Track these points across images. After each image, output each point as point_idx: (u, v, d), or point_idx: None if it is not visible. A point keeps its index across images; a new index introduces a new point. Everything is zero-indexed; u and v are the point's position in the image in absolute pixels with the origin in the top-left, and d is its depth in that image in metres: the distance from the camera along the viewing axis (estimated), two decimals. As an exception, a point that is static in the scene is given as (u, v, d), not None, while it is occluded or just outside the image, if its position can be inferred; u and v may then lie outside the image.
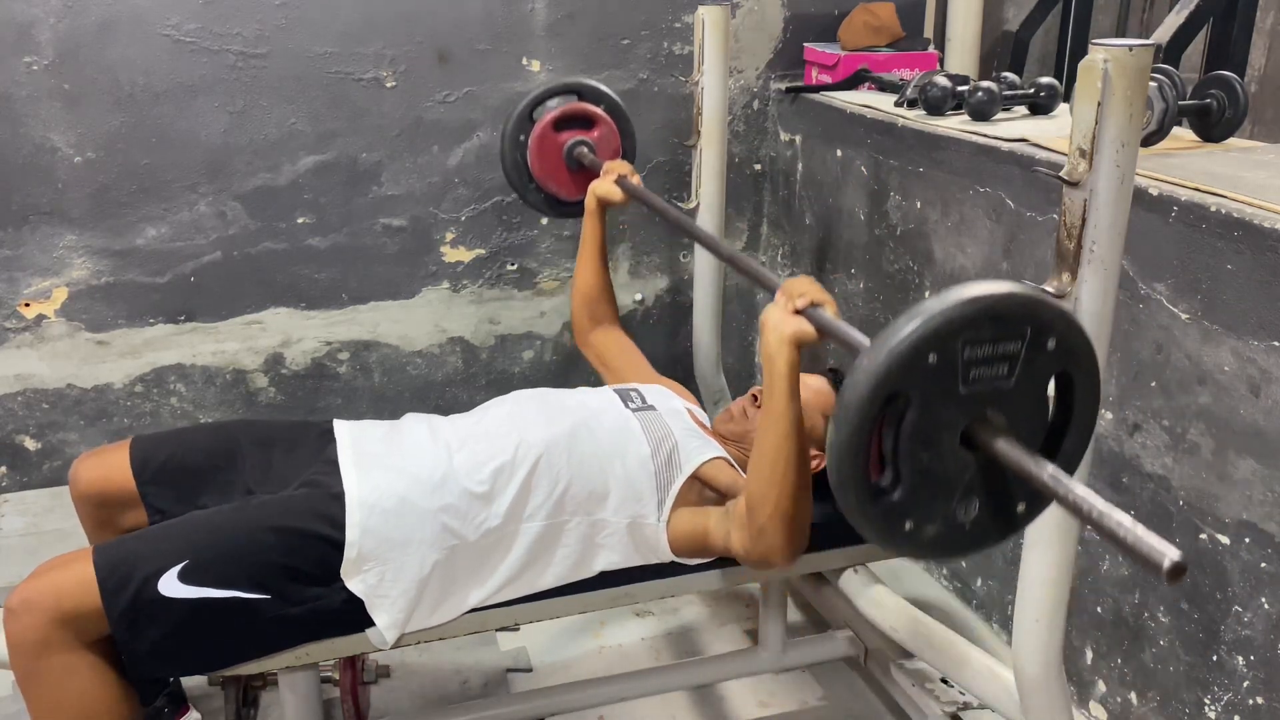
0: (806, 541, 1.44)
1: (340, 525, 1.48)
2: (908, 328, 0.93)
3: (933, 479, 0.99)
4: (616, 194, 2.01)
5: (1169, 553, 0.82)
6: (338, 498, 1.51)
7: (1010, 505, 1.03)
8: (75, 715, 1.39)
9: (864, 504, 0.98)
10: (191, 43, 2.56)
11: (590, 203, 2.05)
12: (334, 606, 1.48)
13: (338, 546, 1.48)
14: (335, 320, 2.87)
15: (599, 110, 2.20)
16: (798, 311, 1.34)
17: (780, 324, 1.35)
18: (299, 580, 1.46)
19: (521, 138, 2.17)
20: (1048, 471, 0.93)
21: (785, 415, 1.38)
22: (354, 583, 1.48)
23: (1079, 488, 0.90)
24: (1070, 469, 1.05)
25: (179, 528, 1.49)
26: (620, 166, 2.05)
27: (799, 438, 1.39)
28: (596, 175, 2.09)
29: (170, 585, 1.39)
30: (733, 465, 1.67)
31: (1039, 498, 1.04)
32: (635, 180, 2.01)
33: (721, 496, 1.62)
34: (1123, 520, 0.86)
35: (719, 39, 2.32)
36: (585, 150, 2.17)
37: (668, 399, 1.83)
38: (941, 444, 0.98)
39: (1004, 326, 0.96)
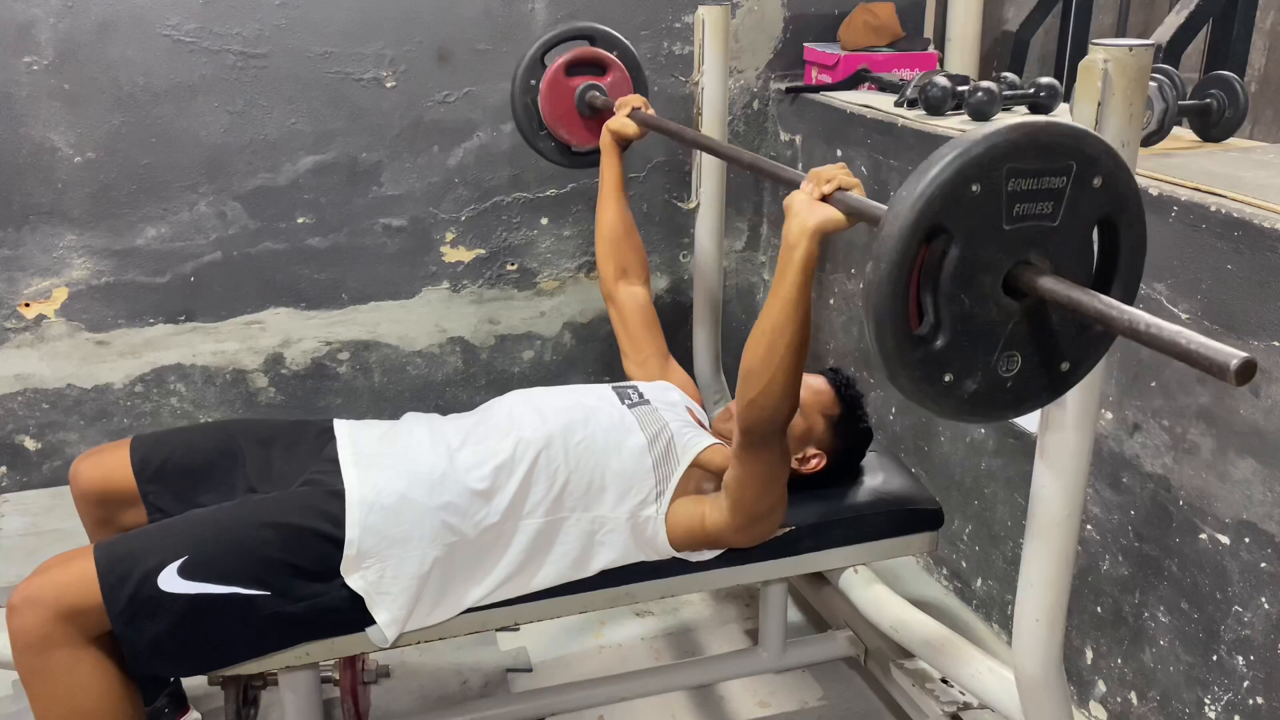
0: (787, 421, 1.44)
1: (340, 523, 1.49)
2: (950, 154, 0.88)
3: (974, 327, 0.94)
4: (631, 127, 2.00)
5: (1234, 354, 0.79)
6: (338, 495, 1.52)
7: (1054, 362, 0.99)
8: (77, 711, 1.39)
9: (902, 350, 0.92)
10: (191, 43, 2.56)
11: (606, 139, 2.04)
12: (334, 603, 1.48)
13: (338, 544, 1.48)
14: (335, 320, 2.87)
15: (612, 56, 2.16)
16: (825, 198, 1.30)
17: (805, 212, 1.31)
18: (299, 577, 1.46)
19: (532, 82, 2.13)
20: (1100, 299, 0.88)
21: (793, 301, 1.35)
22: (354, 580, 1.48)
23: (1131, 309, 0.86)
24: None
25: (179, 524, 1.49)
26: (633, 100, 2.03)
27: (803, 325, 1.37)
28: (608, 118, 2.07)
29: (170, 581, 1.39)
30: (727, 456, 1.67)
31: (1084, 355, 0.99)
32: (649, 112, 1.99)
33: (719, 481, 1.63)
34: (1181, 330, 0.83)
35: (719, 39, 2.32)
36: (598, 95, 2.13)
37: (665, 392, 1.84)
38: (984, 287, 0.93)
39: (1049, 158, 0.91)
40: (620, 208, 2.06)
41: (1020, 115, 2.35)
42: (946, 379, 0.95)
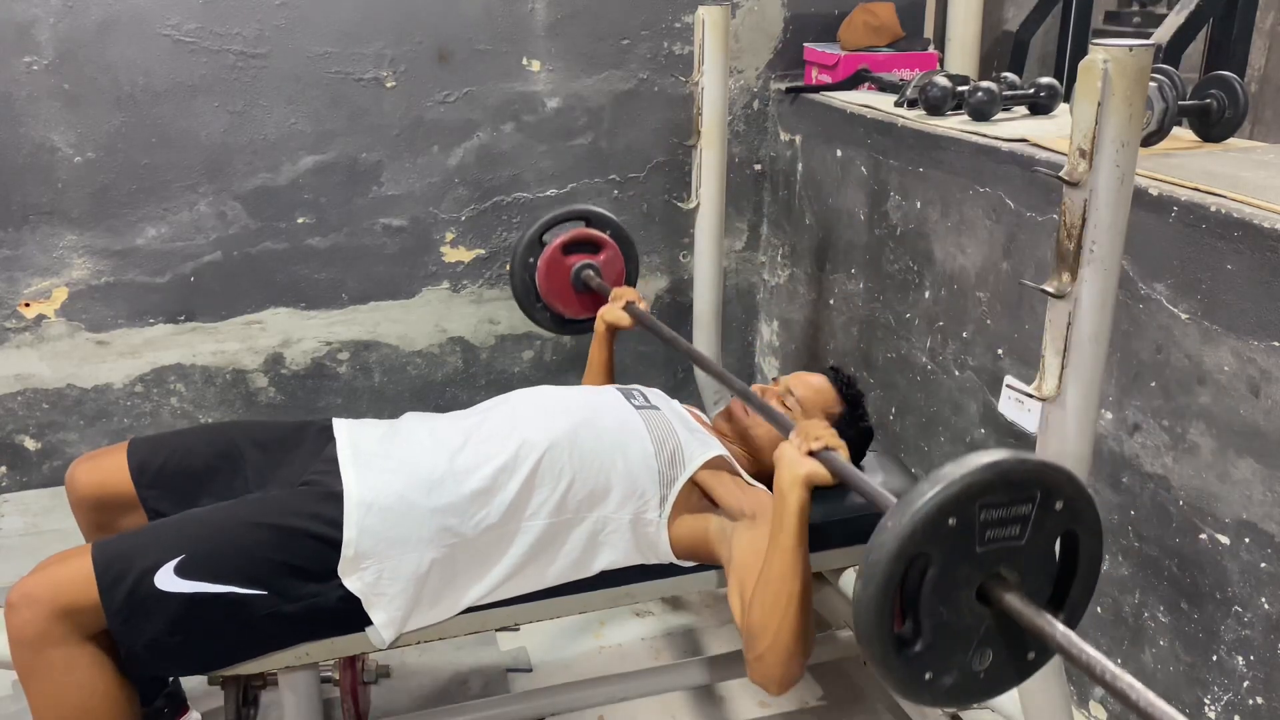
0: (802, 674, 1.45)
1: (338, 524, 1.48)
2: (930, 493, 0.99)
3: (950, 632, 1.06)
4: (625, 319, 2.08)
5: None
6: (336, 496, 1.51)
7: (1022, 654, 1.10)
8: (75, 709, 1.39)
9: (888, 657, 1.05)
10: (191, 43, 2.56)
11: (600, 327, 2.12)
12: (331, 604, 1.48)
13: (335, 545, 1.48)
14: (335, 320, 2.87)
15: (605, 235, 2.29)
16: (812, 453, 1.39)
17: (795, 464, 1.40)
18: (296, 577, 1.46)
19: (531, 260, 2.27)
20: (1059, 630, 1.00)
21: (793, 553, 1.39)
22: (351, 581, 1.48)
23: (1088, 649, 0.97)
24: (1076, 617, 1.12)
25: (177, 523, 1.49)
26: (628, 293, 2.11)
27: (804, 574, 1.40)
28: (600, 296, 2.18)
29: (167, 580, 1.39)
30: (734, 469, 1.67)
31: (1047, 647, 1.10)
32: (643, 306, 2.09)
33: (718, 507, 1.62)
34: (1133, 684, 0.92)
35: (719, 39, 2.32)
36: (592, 274, 2.27)
37: (669, 401, 1.84)
38: (959, 599, 1.05)
39: (1018, 490, 1.03)
40: (605, 383, 2.12)
41: (1019, 115, 2.35)
42: (927, 677, 1.06)
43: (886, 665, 1.05)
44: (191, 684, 1.87)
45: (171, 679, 1.76)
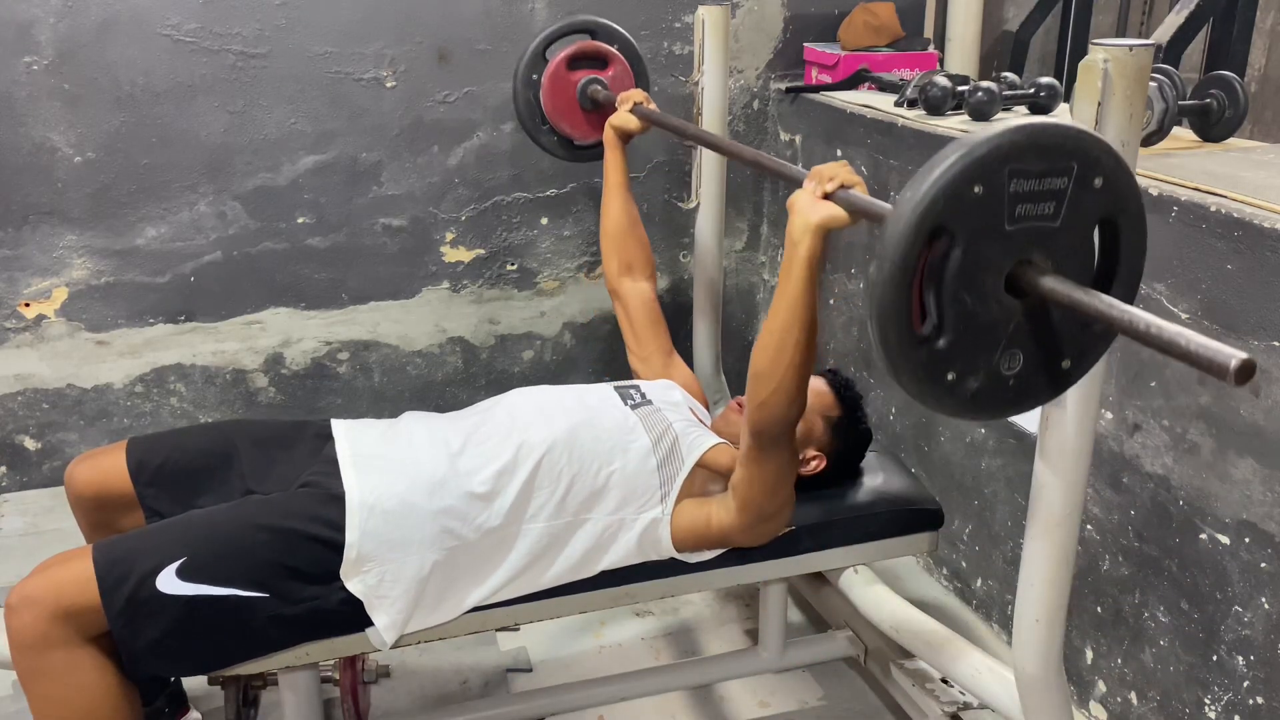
0: (800, 414, 1.46)
1: (340, 527, 1.48)
2: (952, 156, 0.89)
3: (976, 326, 0.95)
4: (634, 122, 2.01)
5: (1234, 354, 0.80)
6: (337, 499, 1.51)
7: (1055, 360, 1.00)
8: (76, 711, 1.39)
9: (906, 350, 0.93)
10: (191, 43, 2.56)
11: (609, 134, 2.05)
12: (332, 606, 1.48)
13: (337, 548, 1.48)
14: (335, 320, 2.87)
15: (613, 49, 2.17)
16: (827, 196, 1.32)
17: (808, 209, 1.32)
18: (297, 579, 1.46)
19: (534, 77, 2.14)
20: (1102, 299, 0.89)
21: (800, 299, 1.36)
22: (353, 583, 1.48)
23: (1133, 310, 0.87)
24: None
25: (178, 525, 1.49)
26: (635, 95, 2.04)
27: (809, 322, 1.37)
28: (609, 114, 2.08)
29: (168, 582, 1.39)
30: (734, 453, 1.67)
31: (1085, 353, 1.00)
32: (650, 106, 2.00)
33: (725, 481, 1.63)
34: (1181, 330, 0.84)
35: (719, 39, 2.32)
36: (599, 89, 2.14)
37: (667, 392, 1.83)
38: (986, 288, 0.94)
39: (1051, 159, 0.92)
40: (624, 202, 2.07)
41: (1020, 115, 2.35)
42: (950, 378, 0.95)
43: (904, 361, 0.93)
44: (191, 684, 1.87)
45: (172, 679, 1.75)
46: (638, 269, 2.06)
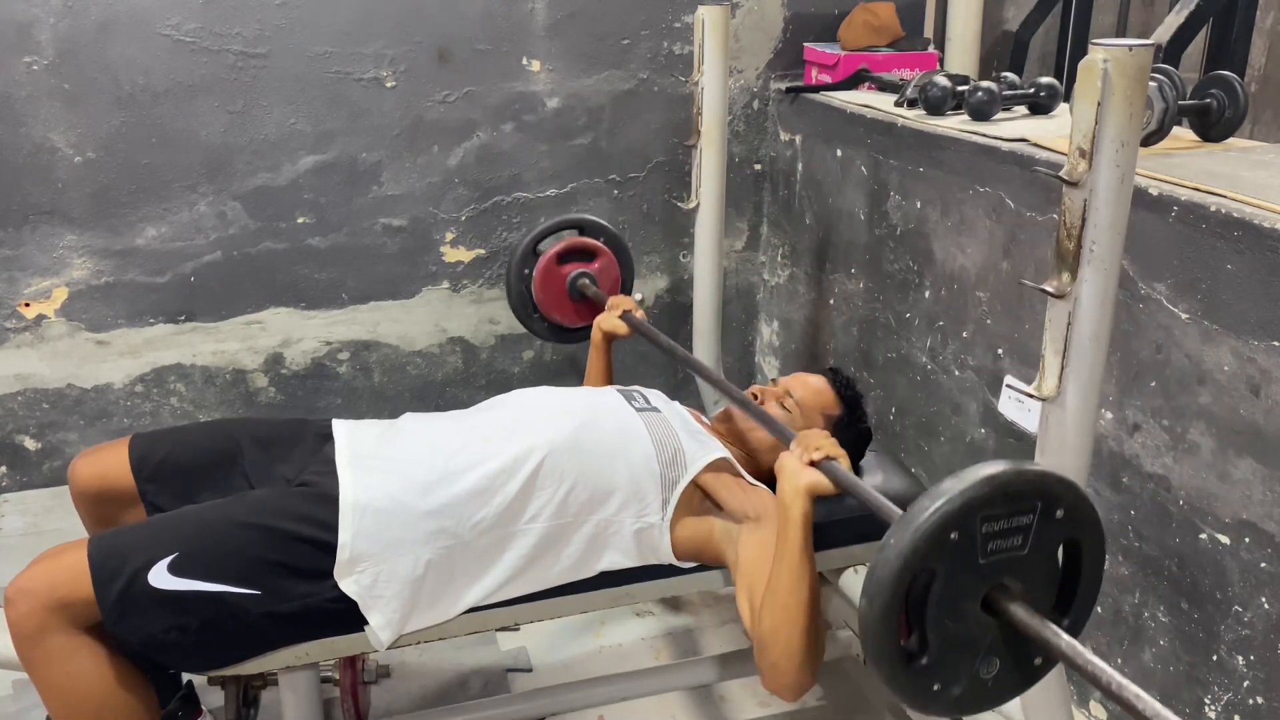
0: (814, 680, 1.45)
1: (332, 527, 1.48)
2: (931, 508, 1.01)
3: (957, 643, 1.07)
4: (622, 328, 2.08)
5: None
6: (331, 499, 1.51)
7: (1028, 661, 1.11)
8: (82, 697, 1.39)
9: (896, 671, 1.05)
10: (191, 43, 2.56)
11: (596, 336, 2.12)
12: (326, 604, 1.48)
13: (328, 548, 1.47)
14: (335, 320, 2.87)
15: (598, 243, 2.29)
16: (813, 463, 1.40)
17: (796, 474, 1.41)
18: (288, 577, 1.45)
19: (526, 271, 2.28)
20: (1064, 641, 1.02)
21: (799, 562, 1.40)
22: (347, 583, 1.48)
23: (1094, 659, 0.98)
24: (1080, 624, 1.14)
25: (172, 520, 1.49)
26: (624, 302, 2.12)
27: (812, 582, 1.40)
28: (598, 304, 2.17)
29: (160, 577, 1.39)
30: (736, 470, 1.67)
31: (1056, 657, 1.11)
32: (639, 315, 2.09)
33: (721, 509, 1.62)
34: (1139, 694, 0.93)
35: (719, 39, 2.32)
36: (587, 282, 2.28)
37: (669, 403, 1.84)
38: (964, 611, 1.06)
39: (1018, 502, 1.04)
40: None
41: (1019, 114, 2.35)
42: (935, 688, 1.08)
43: (895, 679, 1.06)
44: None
45: (186, 682, 1.76)
46: None
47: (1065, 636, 1.02)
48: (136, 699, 1.44)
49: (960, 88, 2.32)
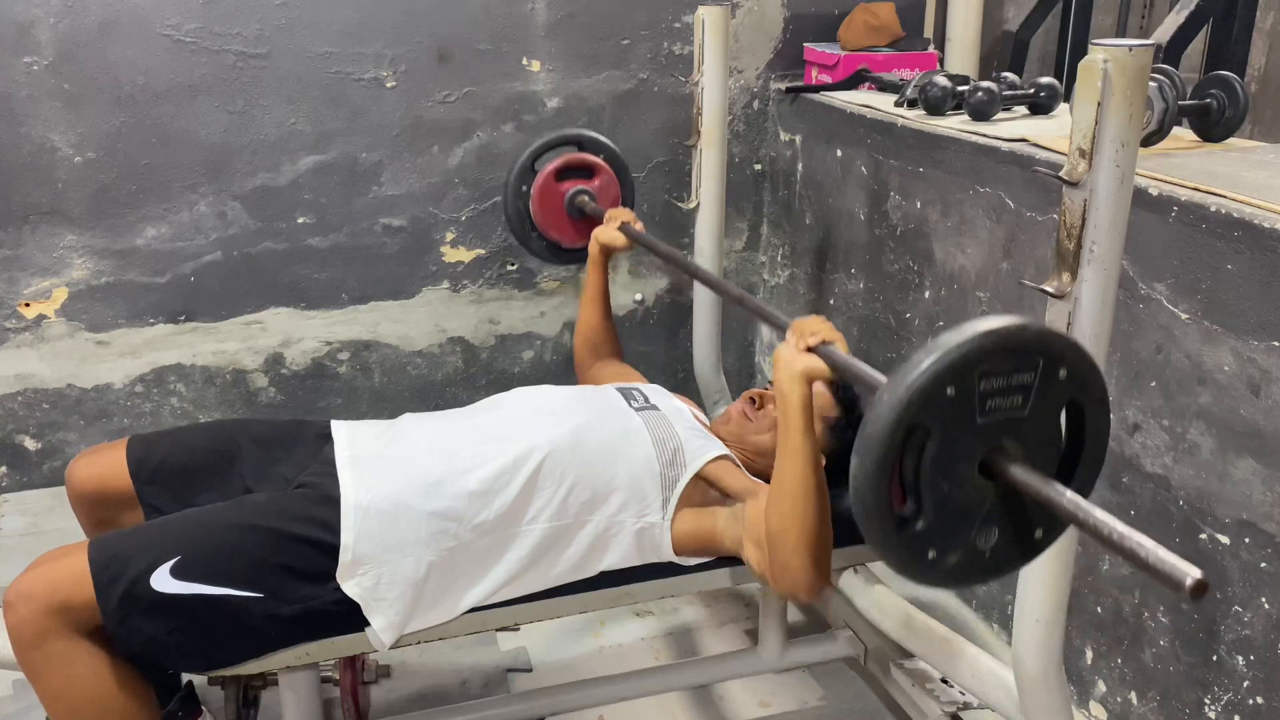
0: (829, 574, 1.44)
1: (334, 528, 1.48)
2: (926, 362, 0.96)
3: (953, 508, 1.02)
4: (620, 239, 2.06)
5: (1190, 571, 0.84)
6: (333, 500, 1.51)
7: (1028, 531, 1.06)
8: (82, 700, 1.39)
9: (888, 535, 1.01)
10: (191, 43, 2.56)
11: (594, 249, 2.10)
12: (328, 606, 1.48)
13: (331, 550, 1.47)
14: (335, 320, 2.87)
15: (599, 160, 2.25)
16: (809, 349, 1.37)
17: (792, 361, 1.39)
18: (291, 579, 1.45)
19: (524, 188, 2.23)
20: (1066, 496, 0.96)
21: (802, 450, 1.39)
22: (349, 585, 1.48)
23: (1097, 511, 0.93)
24: (1085, 493, 1.07)
25: (173, 523, 1.49)
26: (622, 214, 2.09)
27: (817, 472, 1.40)
28: (597, 223, 2.14)
29: (162, 580, 1.39)
30: (736, 465, 1.67)
31: (1056, 523, 1.07)
32: (638, 226, 2.06)
33: (726, 497, 1.62)
34: (1143, 541, 0.88)
35: (719, 39, 2.32)
36: (586, 199, 2.23)
37: (669, 398, 1.84)
38: (960, 474, 1.01)
39: (1018, 358, 0.99)
40: (603, 314, 2.14)
41: (1019, 115, 2.35)
42: (930, 556, 1.03)
43: (887, 545, 1.01)
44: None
45: (186, 683, 1.76)
46: (607, 355, 2.15)
47: (1068, 492, 0.96)
48: (137, 702, 1.44)
49: (960, 88, 2.32)
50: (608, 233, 2.07)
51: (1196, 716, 1.71)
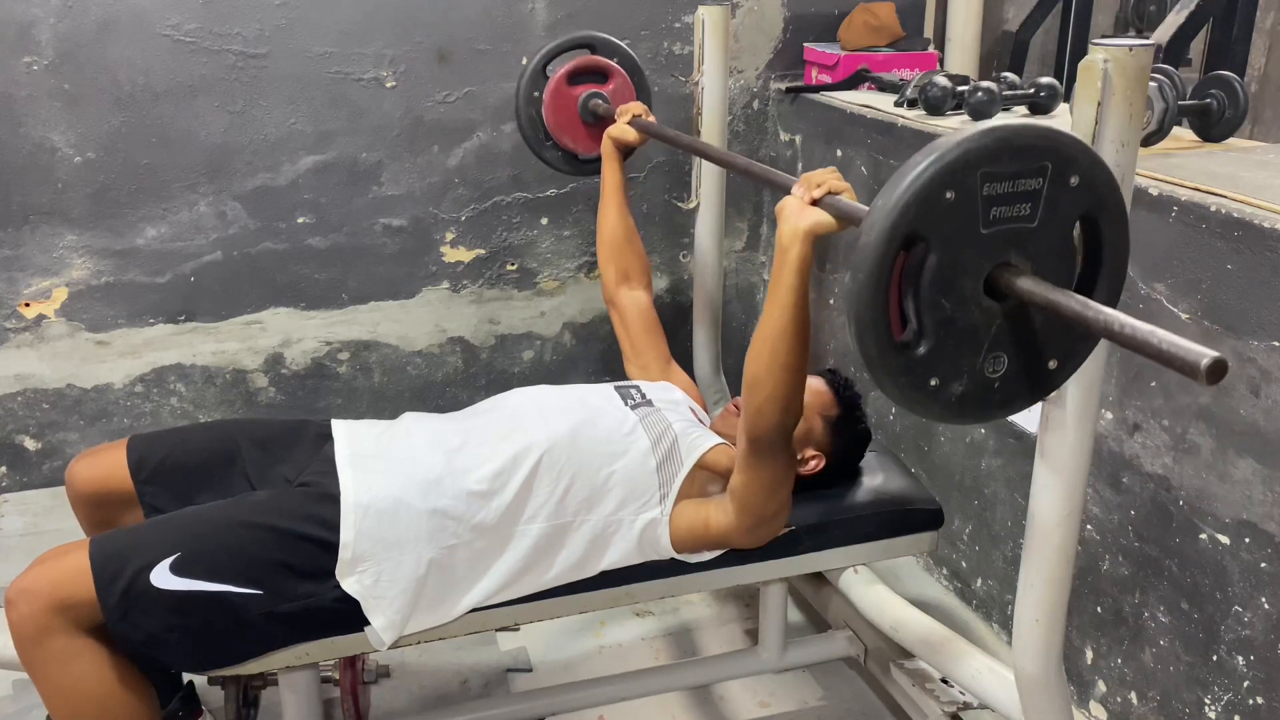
0: (795, 425, 1.46)
1: (334, 526, 1.48)
2: (923, 163, 0.88)
3: (957, 331, 0.94)
4: (631, 134, 2.02)
5: (1205, 353, 0.79)
6: (333, 498, 1.51)
7: (1040, 361, 0.98)
8: (83, 698, 1.40)
9: (886, 357, 0.92)
10: (191, 43, 2.56)
11: (607, 146, 2.05)
12: (327, 604, 1.48)
13: (330, 548, 1.48)
14: (335, 320, 2.87)
15: (613, 63, 2.18)
16: (815, 202, 1.32)
17: (796, 215, 1.33)
18: (291, 577, 1.46)
19: (536, 94, 2.15)
20: (1076, 299, 0.88)
21: (792, 304, 1.36)
22: (349, 583, 1.48)
23: (1108, 310, 0.86)
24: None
25: (174, 521, 1.49)
26: (634, 107, 2.05)
27: (802, 327, 1.37)
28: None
29: (162, 577, 1.39)
30: (733, 455, 1.67)
31: (1071, 353, 0.98)
32: (650, 119, 2.01)
33: (724, 482, 1.62)
34: (1154, 330, 0.83)
35: (719, 39, 2.32)
36: (600, 103, 2.16)
37: (667, 392, 1.84)
38: (964, 291, 0.93)
39: (1024, 160, 0.91)
40: (621, 213, 2.07)
41: (1019, 115, 2.35)
42: (933, 383, 0.94)
43: (886, 369, 0.92)
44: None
45: (186, 682, 1.76)
46: (635, 278, 2.06)
47: (1076, 296, 0.87)
48: (138, 699, 1.44)
49: (960, 88, 2.32)
50: (620, 128, 2.03)
51: (1196, 716, 1.71)
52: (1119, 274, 0.99)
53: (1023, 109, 2.37)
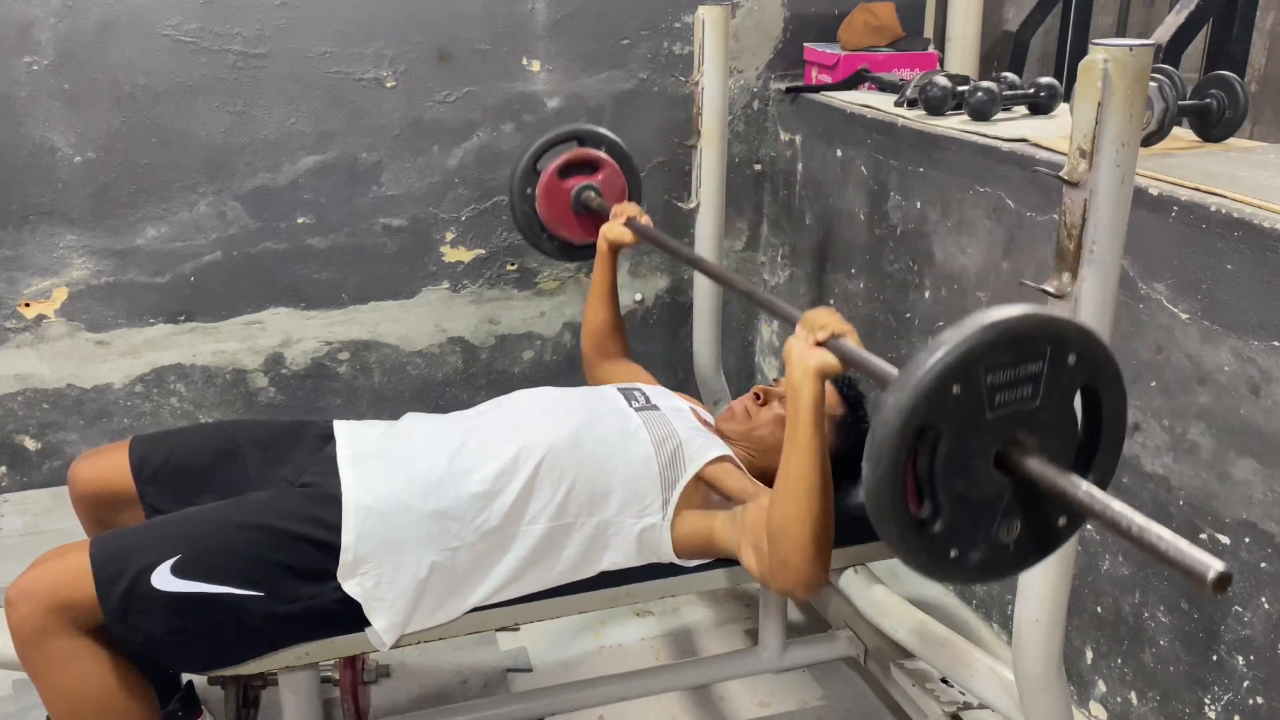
0: (828, 573, 1.43)
1: (335, 528, 1.48)
2: (929, 361, 0.94)
3: (971, 505, 0.99)
4: (627, 235, 2.05)
5: (1213, 564, 0.83)
6: (334, 500, 1.51)
7: (1050, 521, 1.04)
8: (83, 699, 1.40)
9: (907, 538, 0.98)
10: (191, 43, 2.56)
11: (602, 246, 2.09)
12: (328, 605, 1.48)
13: (332, 549, 1.47)
14: (335, 320, 2.87)
15: (601, 153, 2.24)
16: (819, 344, 1.36)
17: (804, 357, 1.36)
18: (292, 578, 1.45)
19: (528, 190, 2.21)
20: (1082, 489, 0.94)
21: (811, 448, 1.37)
22: (350, 585, 1.48)
23: (1115, 503, 0.91)
24: (1104, 482, 1.05)
25: (174, 522, 1.49)
26: (629, 209, 2.08)
27: (823, 470, 1.38)
28: (604, 217, 2.12)
29: (163, 579, 1.39)
30: (738, 466, 1.66)
31: (1079, 512, 1.04)
32: (644, 220, 2.05)
33: (726, 499, 1.62)
34: (1163, 534, 0.87)
35: (719, 39, 2.32)
36: (593, 195, 2.22)
37: (670, 398, 1.83)
38: (976, 470, 0.98)
39: (1023, 348, 0.97)
40: (610, 310, 2.12)
41: (1019, 114, 2.35)
42: (953, 555, 1.00)
43: (907, 549, 0.98)
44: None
45: (185, 682, 1.76)
46: (615, 354, 2.14)
47: (1083, 483, 0.93)
48: (137, 700, 1.44)
49: (960, 88, 2.32)
50: (615, 229, 2.06)
51: (1196, 716, 1.71)
52: (1119, 436, 1.06)
53: (1023, 109, 2.37)
